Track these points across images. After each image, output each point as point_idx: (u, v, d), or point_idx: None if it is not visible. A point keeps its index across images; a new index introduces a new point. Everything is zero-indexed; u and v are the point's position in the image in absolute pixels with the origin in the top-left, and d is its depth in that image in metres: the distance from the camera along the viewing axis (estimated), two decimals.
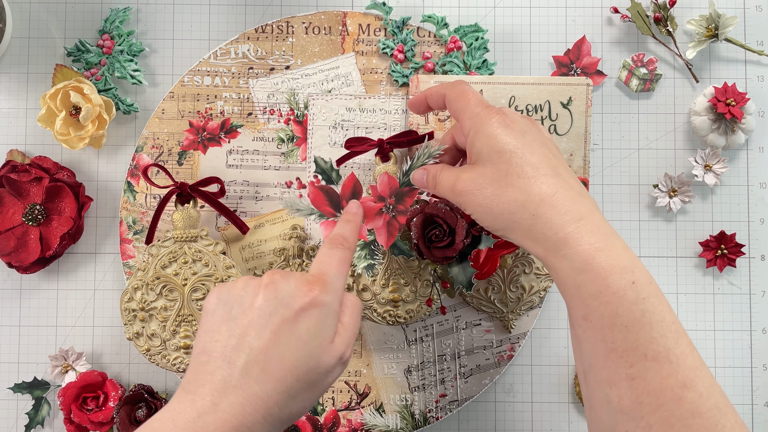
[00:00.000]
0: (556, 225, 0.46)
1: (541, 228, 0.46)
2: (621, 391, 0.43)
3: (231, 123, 0.67)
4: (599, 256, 0.45)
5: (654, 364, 0.42)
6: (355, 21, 0.68)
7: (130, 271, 0.66)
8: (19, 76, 0.69)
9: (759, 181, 0.69)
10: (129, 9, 0.68)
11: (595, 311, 0.44)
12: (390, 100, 0.67)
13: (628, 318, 0.43)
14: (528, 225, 0.47)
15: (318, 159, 0.61)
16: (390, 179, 0.59)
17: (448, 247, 0.57)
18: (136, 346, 0.63)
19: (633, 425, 0.42)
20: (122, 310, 0.62)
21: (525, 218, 0.47)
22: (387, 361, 0.67)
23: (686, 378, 0.42)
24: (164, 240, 0.63)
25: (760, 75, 0.69)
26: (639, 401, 0.42)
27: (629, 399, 0.43)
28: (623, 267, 0.44)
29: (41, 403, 0.67)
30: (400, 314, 0.62)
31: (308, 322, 0.46)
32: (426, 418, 0.66)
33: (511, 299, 0.64)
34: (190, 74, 0.67)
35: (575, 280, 0.45)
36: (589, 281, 0.44)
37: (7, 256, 0.65)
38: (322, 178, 0.61)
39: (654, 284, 0.45)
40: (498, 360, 0.66)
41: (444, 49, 0.68)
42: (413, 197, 0.59)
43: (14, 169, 0.65)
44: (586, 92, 0.64)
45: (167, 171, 0.63)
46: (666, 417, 0.42)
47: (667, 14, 0.68)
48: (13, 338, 0.68)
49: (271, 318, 0.46)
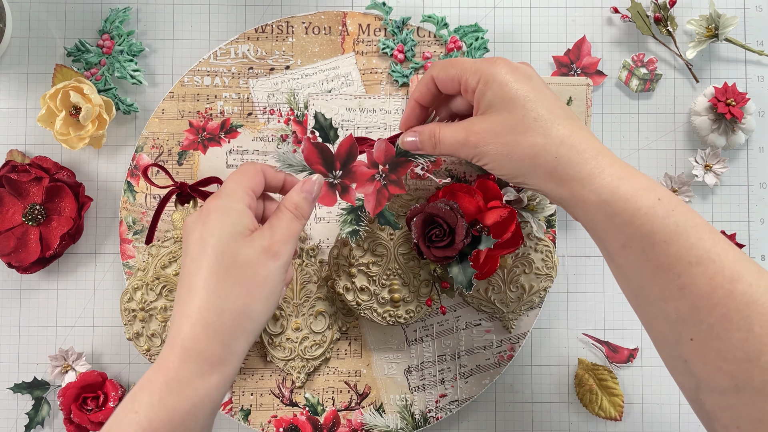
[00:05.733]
0: (578, 163, 0.48)
1: (564, 167, 0.48)
2: (676, 302, 0.45)
3: (231, 123, 0.67)
4: (623, 184, 0.47)
5: (699, 268, 0.44)
6: (355, 21, 0.68)
7: (130, 271, 0.66)
8: (19, 76, 0.69)
9: (759, 181, 0.69)
10: (129, 9, 0.68)
11: (632, 236, 0.46)
12: (390, 100, 0.67)
13: (665, 233, 0.45)
14: (551, 167, 0.49)
15: (318, 114, 0.57)
16: (387, 146, 0.57)
17: (448, 246, 0.57)
18: (136, 346, 0.63)
19: (696, 330, 0.44)
20: (122, 310, 0.62)
21: (548, 161, 0.49)
22: (387, 361, 0.67)
23: (732, 272, 0.44)
24: (164, 240, 0.63)
25: (760, 75, 0.69)
26: (695, 307, 0.44)
27: (685, 307, 0.44)
28: (646, 187, 0.47)
29: (41, 403, 0.67)
30: (400, 314, 0.62)
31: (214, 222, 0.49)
32: (426, 418, 0.66)
33: (511, 299, 0.64)
34: (190, 74, 0.67)
35: (606, 212, 0.47)
36: (620, 209, 0.46)
37: (7, 256, 0.65)
38: (320, 135, 0.58)
39: (676, 196, 0.47)
40: (498, 360, 0.66)
41: (444, 49, 0.68)
42: (407, 168, 0.57)
43: (14, 169, 0.65)
44: (586, 92, 0.64)
45: (167, 171, 0.63)
46: (723, 314, 0.43)
47: (667, 14, 0.68)
48: (13, 338, 0.68)
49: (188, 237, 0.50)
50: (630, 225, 0.46)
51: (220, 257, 0.48)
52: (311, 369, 0.65)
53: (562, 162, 0.48)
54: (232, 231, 0.49)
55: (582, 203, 0.48)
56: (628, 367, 0.68)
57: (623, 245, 0.47)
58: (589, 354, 0.68)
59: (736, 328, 0.43)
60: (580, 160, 0.48)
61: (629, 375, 0.68)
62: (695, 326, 0.44)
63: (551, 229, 0.66)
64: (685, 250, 0.44)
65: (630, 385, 0.68)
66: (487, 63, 0.52)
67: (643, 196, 0.46)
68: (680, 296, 0.44)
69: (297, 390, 0.66)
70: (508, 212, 0.56)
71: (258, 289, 0.48)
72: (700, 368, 0.44)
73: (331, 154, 0.57)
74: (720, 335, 0.43)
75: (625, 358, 0.68)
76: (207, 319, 0.47)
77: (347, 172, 0.57)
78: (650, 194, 0.46)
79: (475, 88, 0.52)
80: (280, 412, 0.66)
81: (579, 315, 0.68)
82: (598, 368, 0.67)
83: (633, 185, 0.47)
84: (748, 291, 0.43)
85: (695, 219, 0.46)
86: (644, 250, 0.46)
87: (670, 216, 0.45)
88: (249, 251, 0.48)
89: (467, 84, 0.53)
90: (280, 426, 0.66)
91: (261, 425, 0.66)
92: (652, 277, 0.46)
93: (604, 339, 0.68)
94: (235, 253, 0.48)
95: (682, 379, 0.46)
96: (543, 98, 0.50)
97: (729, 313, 0.43)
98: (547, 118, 0.49)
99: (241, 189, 0.51)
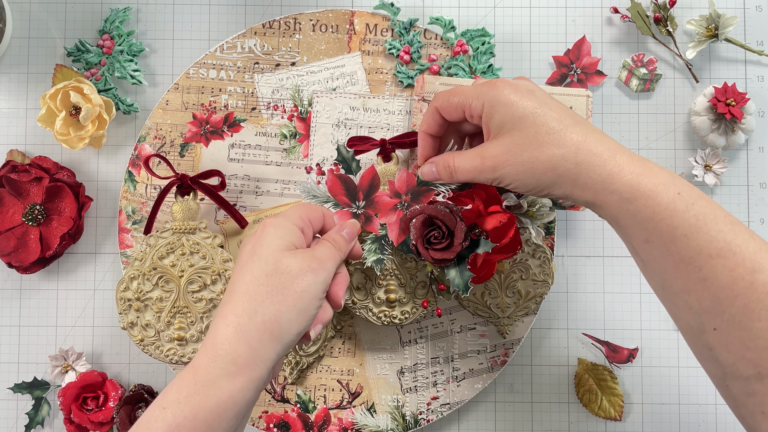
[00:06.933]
0: (598, 166, 0.49)
1: (586, 173, 0.49)
2: (698, 294, 0.46)
3: (234, 117, 0.67)
4: (643, 181, 0.48)
5: (720, 260, 0.45)
6: (363, 20, 0.68)
7: (128, 261, 0.66)
8: (19, 76, 0.69)
9: (759, 181, 0.69)
10: (129, 9, 0.68)
11: (654, 231, 0.47)
12: (394, 100, 0.67)
13: (685, 226, 0.46)
14: (573, 175, 0.50)
15: (341, 147, 0.60)
16: (408, 176, 0.59)
17: (447, 249, 0.57)
18: (130, 336, 0.62)
19: (718, 321, 0.45)
20: (117, 299, 0.62)
21: (569, 169, 0.50)
22: (380, 361, 0.67)
23: (753, 263, 0.45)
24: (162, 231, 0.63)
25: (760, 75, 0.69)
26: (717, 298, 0.45)
27: (708, 299, 0.45)
28: (666, 182, 0.48)
29: (41, 403, 0.67)
30: (396, 315, 0.62)
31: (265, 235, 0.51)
32: (417, 420, 0.66)
33: (507, 304, 0.64)
34: (195, 66, 0.67)
35: (628, 209, 0.48)
36: (641, 206, 0.47)
37: (7, 256, 0.65)
38: (342, 167, 0.61)
39: (696, 189, 0.48)
40: (491, 365, 0.66)
41: (450, 52, 0.68)
42: (429, 197, 0.59)
43: (14, 169, 0.65)
44: (586, 103, 0.64)
45: (169, 162, 0.63)
46: (744, 304, 0.44)
47: (667, 14, 0.68)
48: (13, 338, 0.68)
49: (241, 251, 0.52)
50: (651, 221, 0.47)
51: (264, 264, 0.49)
52: (304, 366, 0.66)
53: (584, 167, 0.49)
54: (279, 243, 0.50)
55: (606, 204, 0.49)
56: (628, 367, 0.68)
57: (646, 240, 0.48)
58: (589, 354, 0.68)
59: (757, 318, 0.44)
60: (599, 162, 0.49)
61: (629, 375, 0.68)
62: (718, 317, 0.45)
63: (550, 236, 0.66)
64: (705, 243, 0.46)
65: (630, 385, 0.68)
66: (487, 86, 0.53)
67: (663, 192, 0.47)
68: (702, 288, 0.46)
69: (289, 386, 0.66)
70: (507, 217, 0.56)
71: (293, 299, 0.49)
72: (724, 356, 0.45)
73: (353, 185, 0.59)
74: (742, 325, 0.44)
75: (625, 358, 0.68)
76: (240, 321, 0.48)
77: (370, 202, 0.59)
78: (670, 189, 0.47)
79: (481, 113, 0.53)
80: (271, 407, 0.66)
81: (579, 315, 0.68)
82: (598, 368, 0.67)
83: (653, 180, 0.48)
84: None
85: (715, 211, 0.47)
86: (666, 245, 0.47)
87: (690, 210, 0.46)
88: (291, 261, 0.50)
89: (472, 110, 0.54)
90: (271, 421, 0.66)
91: (252, 420, 0.66)
92: (675, 270, 0.47)
93: (603, 339, 0.68)
94: (278, 261, 0.49)
95: (709, 366, 0.48)
96: (550, 110, 0.51)
97: (750, 303, 0.44)
98: (558, 129, 0.50)
99: (297, 214, 0.54)
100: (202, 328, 0.62)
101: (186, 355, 0.62)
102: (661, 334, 0.68)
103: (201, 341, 0.62)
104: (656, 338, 0.68)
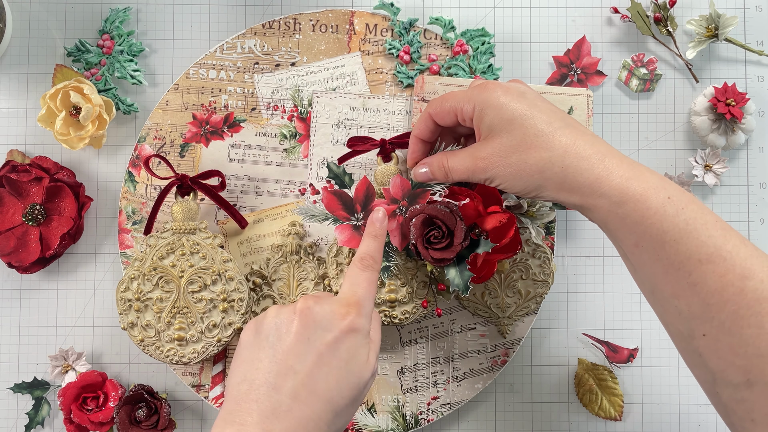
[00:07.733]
0: (585, 170, 0.49)
1: (573, 176, 0.49)
2: (687, 299, 0.45)
3: (234, 117, 0.67)
4: (632, 185, 0.47)
5: (709, 266, 0.45)
6: (363, 20, 0.68)
7: (128, 261, 0.66)
8: (19, 76, 0.69)
9: (759, 181, 0.69)
10: (129, 9, 0.68)
11: (643, 236, 0.47)
12: (394, 100, 0.67)
13: (675, 231, 0.46)
14: (560, 178, 0.49)
15: (330, 164, 0.62)
16: (402, 181, 0.59)
17: (446, 248, 0.57)
18: (131, 336, 0.62)
19: (707, 327, 0.45)
20: (118, 299, 0.62)
21: (555, 172, 0.49)
22: (380, 361, 0.67)
23: (743, 269, 0.44)
24: (162, 231, 0.63)
25: (760, 75, 0.69)
26: (706, 304, 0.45)
27: (697, 304, 0.45)
28: (655, 186, 0.47)
29: (41, 403, 0.67)
30: (396, 315, 0.62)
31: (348, 344, 0.49)
32: (417, 420, 0.66)
33: (507, 304, 0.64)
34: (195, 67, 0.67)
35: (617, 213, 0.48)
36: (630, 210, 0.47)
37: (7, 256, 0.65)
38: (335, 182, 0.62)
39: (687, 193, 0.48)
40: (491, 365, 0.66)
41: (450, 52, 0.68)
42: (425, 198, 0.59)
43: (14, 169, 0.65)
44: (587, 103, 0.64)
45: (169, 162, 0.63)
46: (734, 310, 0.44)
47: (667, 14, 0.68)
48: (13, 338, 0.68)
49: (311, 342, 0.48)
50: (641, 225, 0.47)
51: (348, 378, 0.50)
52: None
53: (570, 171, 0.49)
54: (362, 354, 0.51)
55: (595, 207, 0.49)
56: (628, 367, 0.68)
57: (635, 244, 0.47)
58: (589, 354, 0.68)
59: (747, 325, 0.43)
60: (587, 165, 0.49)
61: (629, 375, 0.68)
62: (707, 322, 0.45)
63: (550, 236, 0.66)
64: (695, 248, 0.45)
65: (630, 385, 0.68)
66: (479, 89, 0.53)
67: (653, 196, 0.47)
68: (692, 293, 0.45)
69: None
70: (507, 217, 0.56)
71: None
72: (713, 362, 0.45)
73: (350, 198, 0.60)
74: (731, 331, 0.44)
75: (625, 358, 0.68)
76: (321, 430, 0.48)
77: (368, 212, 0.59)
78: (660, 193, 0.47)
79: (472, 115, 0.53)
80: None
81: (579, 315, 0.68)
82: (598, 368, 0.67)
83: (642, 185, 0.47)
84: (759, 288, 0.43)
85: (705, 216, 0.46)
86: (655, 249, 0.46)
87: (679, 214, 0.46)
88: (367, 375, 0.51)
89: (464, 113, 0.54)
90: None
91: None
92: (664, 275, 0.46)
93: (603, 339, 0.68)
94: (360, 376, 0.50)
95: (699, 372, 0.47)
96: (540, 113, 0.51)
97: (740, 309, 0.43)
98: (547, 132, 0.50)
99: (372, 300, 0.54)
100: (202, 328, 0.62)
101: (186, 355, 0.62)
102: (661, 334, 0.68)
103: (201, 341, 0.62)
104: (656, 338, 0.68)
